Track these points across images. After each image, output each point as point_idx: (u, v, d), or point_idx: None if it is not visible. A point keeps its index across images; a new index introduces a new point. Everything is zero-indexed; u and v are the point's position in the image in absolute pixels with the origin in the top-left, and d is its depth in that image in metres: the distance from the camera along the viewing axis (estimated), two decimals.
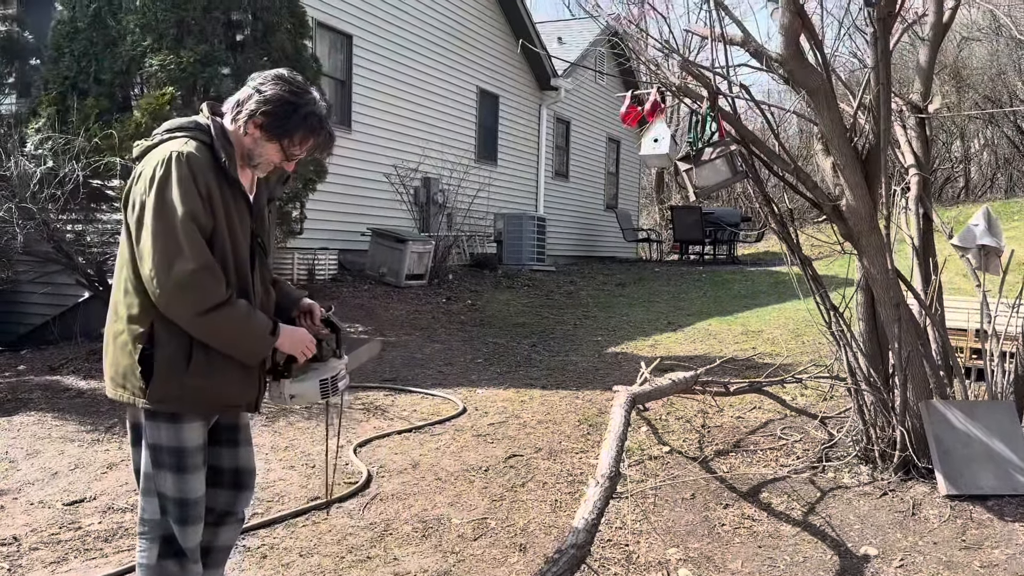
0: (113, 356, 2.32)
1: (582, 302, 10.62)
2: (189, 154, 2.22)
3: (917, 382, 4.31)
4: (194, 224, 2.17)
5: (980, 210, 4.98)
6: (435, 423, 5.32)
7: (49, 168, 6.24)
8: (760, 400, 5.50)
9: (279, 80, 2.33)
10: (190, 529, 2.37)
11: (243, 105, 2.31)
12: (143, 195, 2.21)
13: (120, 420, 5.08)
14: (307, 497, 4.07)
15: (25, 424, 5.22)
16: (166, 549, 2.36)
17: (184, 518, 2.35)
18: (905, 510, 3.93)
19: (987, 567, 3.41)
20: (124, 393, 2.30)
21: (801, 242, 4.67)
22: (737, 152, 4.65)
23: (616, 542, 3.60)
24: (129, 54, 6.84)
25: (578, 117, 17.54)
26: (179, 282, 2.15)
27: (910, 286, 4.55)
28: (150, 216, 2.18)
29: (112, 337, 2.33)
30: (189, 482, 2.34)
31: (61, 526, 3.75)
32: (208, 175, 2.23)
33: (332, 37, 10.47)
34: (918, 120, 4.80)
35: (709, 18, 4.26)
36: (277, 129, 2.31)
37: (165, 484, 2.32)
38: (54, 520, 3.81)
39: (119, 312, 2.31)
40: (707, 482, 4.30)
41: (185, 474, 2.33)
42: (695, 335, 8.16)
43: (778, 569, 3.38)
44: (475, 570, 3.35)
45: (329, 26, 10.29)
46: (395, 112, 11.65)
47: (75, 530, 3.71)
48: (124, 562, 3.32)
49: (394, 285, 9.84)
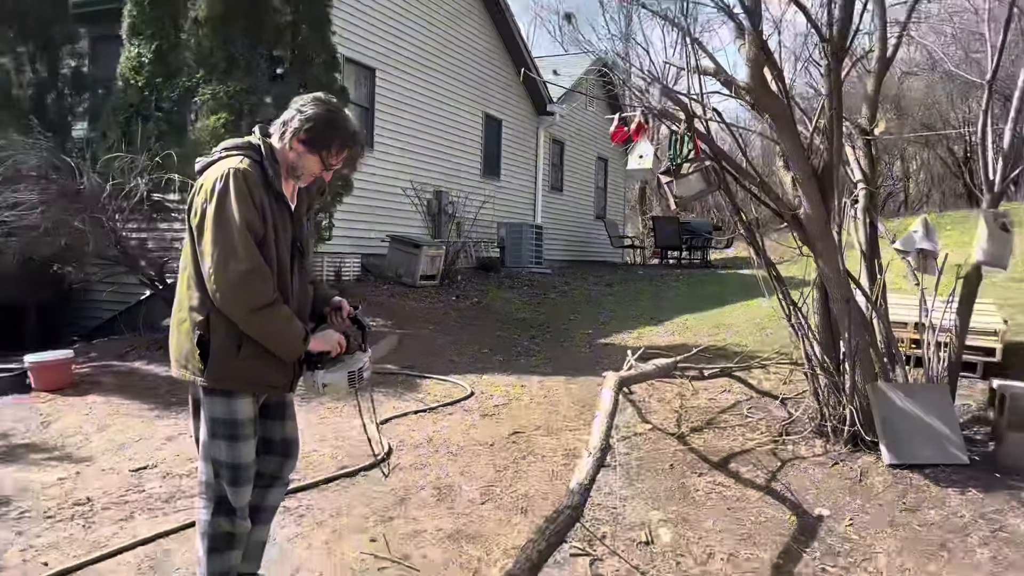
0: (177, 341, 2.35)
1: (575, 300, 10.63)
2: (244, 170, 2.24)
3: (865, 367, 4.33)
4: (248, 231, 2.20)
5: (919, 220, 4.98)
6: (446, 404, 5.32)
7: (116, 183, 6.25)
8: (730, 384, 5.52)
9: (318, 101, 2.35)
10: (240, 491, 2.39)
11: (288, 124, 2.33)
12: (204, 204, 2.23)
13: (177, 400, 5.10)
14: (336, 466, 4.08)
15: (96, 403, 5.24)
16: (220, 508, 2.38)
17: (235, 480, 2.37)
18: (854, 477, 3.95)
19: (924, 526, 3.42)
20: (186, 372, 2.33)
21: (765, 246, 4.68)
22: (711, 167, 4.66)
23: (605, 505, 3.61)
24: (185, 85, 6.86)
25: (571, 139, 17.51)
26: (233, 281, 2.18)
27: (859, 284, 4.56)
28: (210, 222, 2.20)
29: (177, 324, 2.36)
30: (240, 450, 2.36)
31: (127, 489, 3.76)
32: (259, 189, 2.26)
33: (358, 70, 10.47)
34: (865, 142, 4.81)
35: (685, 52, 4.28)
36: (317, 142, 2.32)
37: (219, 451, 2.35)
38: (121, 484, 3.83)
39: (182, 303, 2.33)
40: (684, 454, 4.32)
41: (237, 443, 2.35)
42: (674, 328, 8.16)
43: (745, 528, 3.40)
44: (483, 529, 3.36)
45: (356, 61, 10.29)
46: (412, 135, 11.65)
47: (139, 492, 3.73)
48: (181, 519, 3.33)
49: (410, 285, 9.83)
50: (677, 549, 3.18)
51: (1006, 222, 4.52)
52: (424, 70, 11.89)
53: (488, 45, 13.84)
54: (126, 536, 3.22)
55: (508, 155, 14.74)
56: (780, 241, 4.92)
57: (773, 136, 4.43)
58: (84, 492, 3.72)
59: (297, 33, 7.20)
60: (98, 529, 3.31)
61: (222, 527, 2.39)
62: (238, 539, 2.42)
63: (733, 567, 3.04)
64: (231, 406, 2.34)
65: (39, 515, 3.44)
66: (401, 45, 11.26)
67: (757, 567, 3.05)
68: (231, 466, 2.36)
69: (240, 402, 2.34)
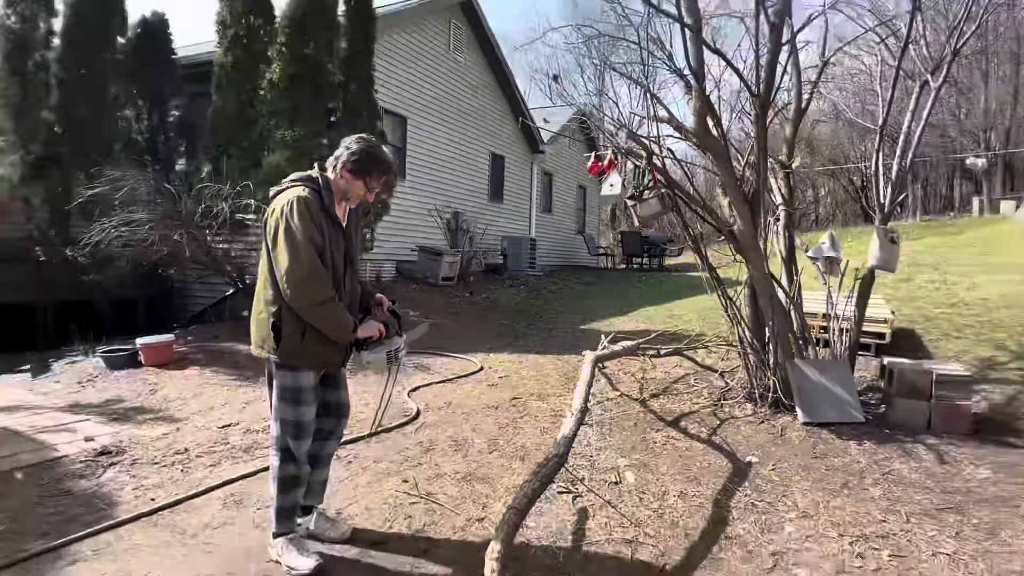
0: (256, 328, 2.38)
1: (561, 296, 10.62)
2: (305, 198, 2.28)
3: (784, 348, 4.33)
4: (311, 244, 2.22)
5: (826, 234, 4.98)
6: (462, 377, 5.33)
7: (207, 206, 6.25)
8: (680, 361, 5.52)
9: (360, 140, 2.40)
10: (302, 443, 2.41)
11: (338, 159, 2.37)
12: (277, 223, 2.26)
13: (254, 373, 5.10)
14: (375, 424, 4.08)
15: (191, 375, 5.25)
16: (286, 456, 2.41)
17: (297, 435, 2.39)
18: (776, 432, 3.96)
19: (830, 469, 3.43)
20: (263, 352, 2.35)
21: (708, 254, 4.68)
22: (666, 194, 4.66)
23: (583, 454, 3.62)
24: (259, 130, 6.85)
25: (558, 171, 17.45)
26: (299, 282, 2.21)
27: (780, 284, 4.57)
28: (282, 238, 2.23)
29: (255, 315, 2.38)
30: (302, 411, 2.38)
31: (215, 442, 3.77)
32: (318, 212, 2.28)
33: (394, 119, 10.44)
34: (785, 174, 4.81)
35: (646, 104, 4.28)
36: (362, 171, 2.36)
37: (287, 413, 2.37)
38: (211, 438, 3.84)
39: (260, 299, 2.37)
40: (644, 415, 4.32)
41: (300, 406, 2.37)
42: (637, 317, 8.15)
43: (692, 471, 3.40)
44: (490, 473, 3.37)
45: (392, 111, 10.26)
46: (435, 168, 11.62)
47: (225, 444, 3.74)
48: (257, 465, 3.35)
49: (433, 284, 9.81)
50: (640, 488, 3.19)
51: (894, 236, 4.52)
52: (444, 118, 11.87)
53: (493, 98, 13.80)
54: (215, 478, 3.24)
55: (509, 184, 14.71)
56: (719, 250, 4.91)
57: (714, 169, 4.43)
58: (182, 444, 3.74)
59: (347, 91, 7.20)
60: (193, 472, 3.33)
61: (289, 471, 2.41)
62: (301, 480, 2.45)
63: (683, 501, 3.05)
64: (296, 378, 2.36)
65: (148, 462, 3.46)
66: (427, 99, 11.24)
67: (701, 501, 3.05)
68: (295, 424, 2.38)
69: (303, 375, 2.37)
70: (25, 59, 7.12)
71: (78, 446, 3.64)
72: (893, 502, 3.04)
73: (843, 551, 2.61)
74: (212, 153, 7.03)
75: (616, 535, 2.73)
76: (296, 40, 6.80)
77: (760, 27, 4.01)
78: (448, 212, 11.80)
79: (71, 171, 7.12)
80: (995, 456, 3.56)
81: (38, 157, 7.09)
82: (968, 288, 7.74)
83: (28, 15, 7.16)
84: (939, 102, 5.12)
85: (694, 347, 5.77)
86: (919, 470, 3.40)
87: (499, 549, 2.09)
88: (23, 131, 7.05)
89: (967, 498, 3.07)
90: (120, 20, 7.49)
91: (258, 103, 6.92)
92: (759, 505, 3.01)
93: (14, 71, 7.04)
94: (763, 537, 2.72)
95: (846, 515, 2.91)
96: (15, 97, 7.03)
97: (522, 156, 15.41)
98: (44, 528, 2.73)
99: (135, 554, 2.53)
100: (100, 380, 5.16)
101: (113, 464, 3.41)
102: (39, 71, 7.15)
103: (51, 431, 3.91)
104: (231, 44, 7.08)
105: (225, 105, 7.05)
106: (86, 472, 3.30)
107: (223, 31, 7.16)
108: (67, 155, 7.12)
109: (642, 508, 2.97)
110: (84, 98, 7.12)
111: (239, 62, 7.03)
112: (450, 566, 2.48)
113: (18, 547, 2.56)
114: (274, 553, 2.44)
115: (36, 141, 7.05)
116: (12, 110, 7.02)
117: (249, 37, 7.11)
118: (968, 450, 3.65)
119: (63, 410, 4.40)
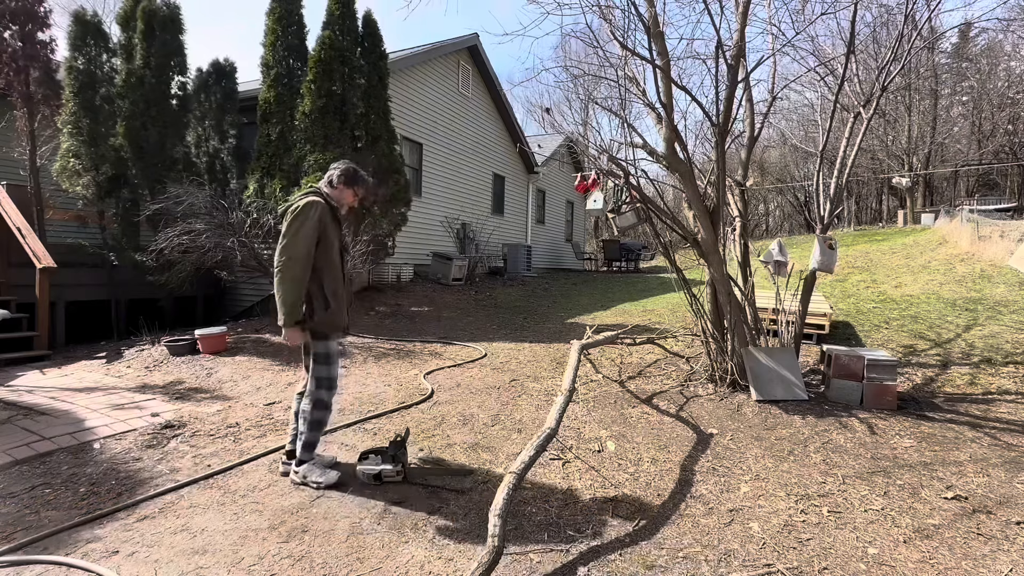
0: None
1: (552, 294, 10.61)
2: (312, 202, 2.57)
3: (740, 337, 4.33)
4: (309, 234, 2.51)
5: (775, 241, 4.99)
6: (469, 362, 5.32)
7: (254, 219, 6.24)
8: (653, 348, 5.52)
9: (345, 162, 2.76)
10: (333, 393, 2.68)
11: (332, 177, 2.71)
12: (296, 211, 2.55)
13: (294, 360, 5.09)
14: (397, 402, 4.09)
15: (241, 361, 5.24)
16: (319, 403, 2.66)
17: (330, 387, 2.66)
18: (733, 409, 3.96)
19: (779, 439, 3.43)
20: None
21: (676, 259, 4.68)
22: (640, 208, 4.66)
23: (571, 427, 3.62)
24: (296, 155, 6.84)
25: (550, 188, 17.43)
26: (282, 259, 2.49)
27: (736, 284, 4.57)
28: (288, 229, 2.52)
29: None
30: (333, 368, 2.65)
31: (262, 417, 3.78)
32: (325, 215, 2.57)
33: (411, 145, 10.43)
34: (740, 191, 4.81)
35: (624, 132, 4.27)
36: (348, 184, 2.70)
37: (321, 372, 2.64)
38: (258, 414, 3.85)
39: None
40: (622, 394, 4.32)
41: (331, 365, 2.64)
42: (616, 312, 8.15)
43: (662, 441, 3.40)
44: (493, 443, 3.36)
45: (409, 138, 10.25)
46: (447, 186, 11.61)
47: (269, 419, 3.74)
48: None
49: (445, 284, 9.81)
50: (619, 455, 3.19)
51: (832, 243, 4.52)
52: (455, 143, 11.86)
53: (496, 127, 13.78)
54: (261, 448, 3.23)
55: (509, 199, 14.69)
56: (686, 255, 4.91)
57: (681, 187, 4.43)
58: (233, 419, 3.74)
59: (369, 120, 7.17)
60: (243, 443, 3.33)
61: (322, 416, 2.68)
62: (325, 422, 2.71)
63: (655, 465, 3.05)
64: (327, 344, 2.63)
65: (204, 433, 3.46)
66: (440, 128, 11.23)
67: (671, 466, 3.05)
68: (328, 379, 2.64)
69: (332, 342, 2.64)
70: (93, 95, 7.13)
71: (146, 420, 3.64)
72: (831, 466, 3.04)
73: (789, 508, 2.61)
74: (258, 175, 7.01)
75: (599, 494, 2.73)
76: (323, 78, 6.80)
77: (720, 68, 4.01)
78: (457, 223, 11.80)
79: (138, 189, 7.11)
80: (916, 428, 3.57)
81: (108, 177, 7.07)
82: (894, 286, 7.75)
83: (92, 55, 7.17)
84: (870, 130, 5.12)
85: (664, 337, 5.78)
86: (853, 440, 3.40)
87: (501, 505, 2.09)
88: (95, 156, 7.05)
89: (893, 463, 3.07)
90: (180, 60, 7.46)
91: (295, 131, 6.91)
92: (719, 469, 3.01)
93: (84, 106, 7.04)
94: (722, 496, 2.73)
95: (792, 478, 2.91)
96: (87, 127, 7.03)
97: (520, 176, 15.40)
98: (120, 489, 2.73)
99: (194, 511, 2.53)
100: (164, 365, 5.16)
101: (175, 436, 3.41)
102: (104, 104, 7.16)
103: (124, 408, 3.91)
104: (273, 82, 7.07)
105: (269, 133, 7.04)
106: (153, 443, 3.30)
107: (266, 71, 7.14)
108: (134, 175, 7.11)
109: (621, 472, 2.98)
110: (149, 126, 7.12)
111: (280, 97, 7.01)
112: (458, 521, 2.48)
113: (96, 506, 2.56)
114: (298, 477, 2.68)
115: (107, 163, 7.04)
116: (85, 138, 7.03)
117: (288, 76, 7.10)
118: (894, 422, 3.66)
119: (133, 390, 4.39)
